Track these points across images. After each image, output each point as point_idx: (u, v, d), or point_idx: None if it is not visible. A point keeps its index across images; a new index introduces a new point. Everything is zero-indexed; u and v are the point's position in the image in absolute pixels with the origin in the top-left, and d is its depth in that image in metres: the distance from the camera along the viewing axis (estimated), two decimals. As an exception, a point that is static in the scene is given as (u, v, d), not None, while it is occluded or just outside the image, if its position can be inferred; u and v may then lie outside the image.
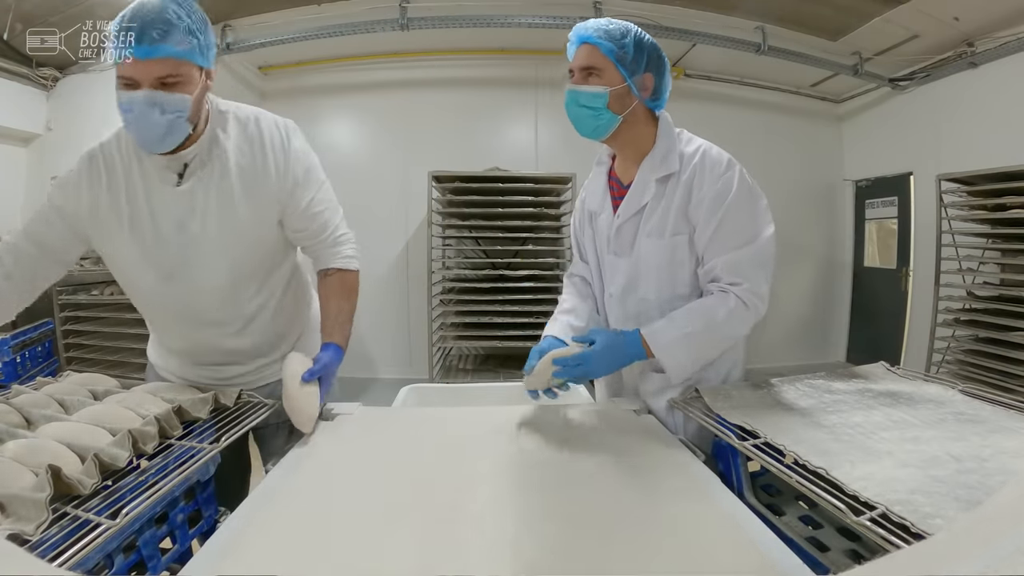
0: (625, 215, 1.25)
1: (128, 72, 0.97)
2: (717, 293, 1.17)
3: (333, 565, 0.68)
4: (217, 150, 1.11)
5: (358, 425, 1.18)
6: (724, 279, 1.17)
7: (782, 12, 4.17)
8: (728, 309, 1.14)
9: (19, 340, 3.02)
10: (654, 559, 0.69)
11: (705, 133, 1.26)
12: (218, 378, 1.26)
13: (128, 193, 1.11)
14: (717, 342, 1.18)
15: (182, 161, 1.09)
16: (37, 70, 4.19)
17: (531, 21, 4.09)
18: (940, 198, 3.65)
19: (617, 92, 1.17)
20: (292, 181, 1.17)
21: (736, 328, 1.17)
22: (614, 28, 1.17)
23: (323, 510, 0.81)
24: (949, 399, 1.09)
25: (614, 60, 1.16)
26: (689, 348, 1.15)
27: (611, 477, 0.92)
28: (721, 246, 1.17)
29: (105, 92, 4.21)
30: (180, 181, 1.10)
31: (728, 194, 1.15)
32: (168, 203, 1.10)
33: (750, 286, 1.15)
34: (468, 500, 0.85)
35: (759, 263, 1.17)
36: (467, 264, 4.05)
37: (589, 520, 0.78)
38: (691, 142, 1.23)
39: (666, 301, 1.23)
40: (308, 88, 4.85)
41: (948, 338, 3.62)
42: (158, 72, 0.97)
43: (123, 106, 0.99)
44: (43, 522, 0.66)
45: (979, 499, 0.68)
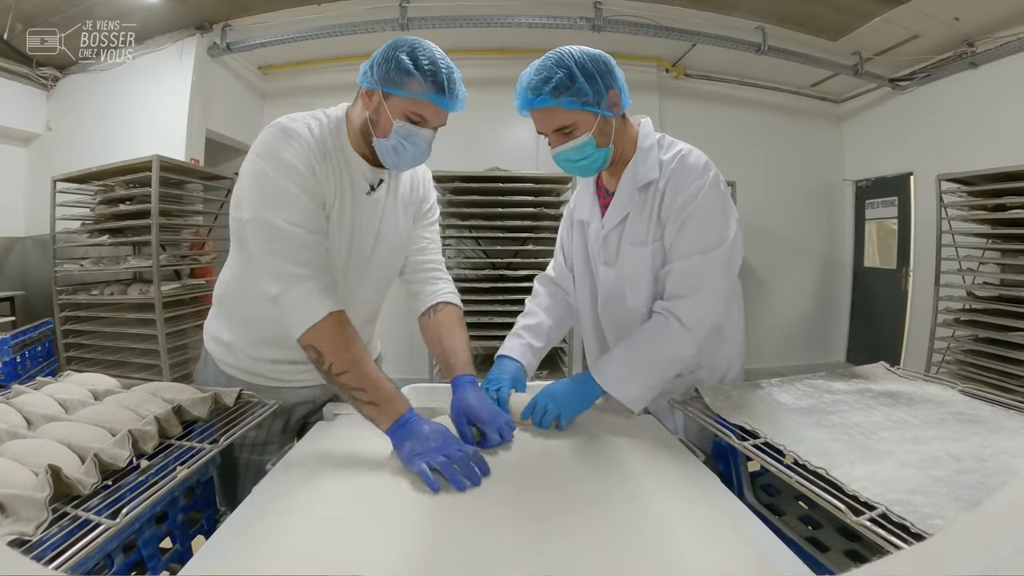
0: (610, 224, 1.24)
1: (431, 116, 1.08)
2: (655, 317, 1.17)
3: (333, 565, 0.68)
4: (394, 172, 1.22)
5: (358, 425, 1.18)
6: (669, 291, 1.17)
7: (782, 12, 4.18)
8: (667, 334, 1.14)
9: (19, 340, 3.02)
10: (654, 559, 0.69)
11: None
12: (293, 380, 1.27)
13: (340, 188, 1.14)
14: (663, 368, 1.16)
15: (379, 176, 1.19)
16: (37, 70, 4.19)
17: (531, 21, 4.09)
18: (940, 198, 3.65)
19: (597, 129, 1.12)
20: (427, 207, 1.34)
21: (678, 350, 1.15)
22: (557, 76, 1.07)
23: (323, 510, 0.81)
24: (949, 399, 1.09)
25: (578, 107, 1.09)
26: (636, 379, 1.14)
27: (610, 477, 0.92)
28: (681, 249, 1.16)
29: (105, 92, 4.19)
30: (371, 191, 1.19)
31: (696, 198, 1.14)
32: (362, 206, 1.17)
33: (692, 301, 1.14)
34: (467, 500, 0.85)
35: (714, 271, 1.14)
36: (467, 264, 4.05)
37: (588, 520, 0.78)
38: (671, 148, 1.21)
39: (650, 308, 1.23)
40: (308, 88, 4.85)
41: (948, 338, 3.62)
42: (444, 121, 1.12)
43: (408, 137, 1.08)
44: (43, 522, 0.66)
45: (979, 499, 0.68)
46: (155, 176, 3.32)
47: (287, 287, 1.02)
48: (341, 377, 1.01)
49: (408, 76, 1.04)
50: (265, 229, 1.04)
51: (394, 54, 1.04)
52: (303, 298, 1.02)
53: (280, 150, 1.06)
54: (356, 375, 1.01)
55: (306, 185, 1.06)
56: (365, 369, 1.02)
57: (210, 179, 3.96)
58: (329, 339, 1.01)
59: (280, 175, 1.04)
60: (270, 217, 1.03)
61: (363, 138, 1.12)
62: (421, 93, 1.05)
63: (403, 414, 1.00)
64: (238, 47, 4.23)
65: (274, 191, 1.04)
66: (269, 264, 1.04)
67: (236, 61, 4.57)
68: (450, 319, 1.30)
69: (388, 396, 1.02)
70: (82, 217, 3.70)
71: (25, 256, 4.27)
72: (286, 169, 1.05)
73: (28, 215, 4.26)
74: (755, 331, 1.17)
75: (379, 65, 1.06)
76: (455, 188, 3.77)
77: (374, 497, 0.86)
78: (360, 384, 1.01)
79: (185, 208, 3.84)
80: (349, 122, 1.15)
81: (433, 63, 1.04)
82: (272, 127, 1.09)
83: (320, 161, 1.09)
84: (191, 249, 3.94)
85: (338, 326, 1.03)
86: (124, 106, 4.15)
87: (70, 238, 3.75)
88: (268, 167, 1.05)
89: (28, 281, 4.13)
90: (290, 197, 1.04)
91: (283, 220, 1.03)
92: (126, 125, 4.09)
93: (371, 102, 1.09)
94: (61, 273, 3.65)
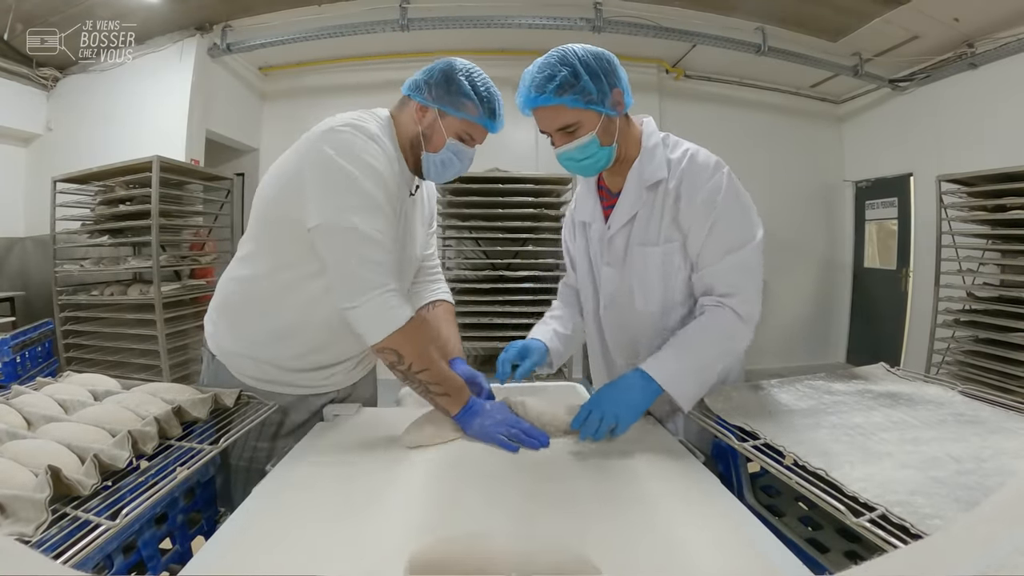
0: (616, 225, 1.22)
1: (479, 136, 1.18)
2: (711, 310, 1.13)
3: (333, 565, 0.68)
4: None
5: (358, 426, 1.18)
6: (718, 290, 1.14)
7: (782, 13, 4.18)
8: (727, 326, 1.12)
9: (19, 340, 3.02)
10: (654, 560, 0.69)
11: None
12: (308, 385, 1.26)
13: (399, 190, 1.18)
14: (720, 361, 1.14)
15: (416, 181, 1.27)
16: (37, 70, 4.19)
17: (531, 22, 4.09)
18: (940, 199, 3.65)
19: (601, 128, 1.11)
20: (431, 215, 1.43)
21: (737, 343, 1.14)
22: (561, 74, 1.06)
23: (323, 510, 0.81)
24: (949, 400, 1.09)
25: (583, 105, 1.08)
26: (694, 374, 1.10)
27: (610, 478, 0.92)
28: (714, 252, 1.14)
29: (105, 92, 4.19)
30: (411, 195, 1.25)
31: (718, 197, 1.13)
32: (406, 206, 1.23)
33: (744, 296, 1.13)
34: (466, 500, 0.85)
35: (751, 268, 1.14)
36: (467, 265, 4.05)
37: (588, 521, 0.78)
38: (677, 147, 1.20)
39: (661, 310, 1.22)
40: (308, 88, 4.86)
41: (948, 339, 3.62)
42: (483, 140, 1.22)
43: (457, 154, 1.18)
44: (43, 523, 0.66)
45: (978, 500, 0.68)
46: (155, 176, 3.32)
47: (373, 295, 1.04)
48: (420, 375, 1.10)
49: (467, 99, 1.13)
50: (350, 235, 1.03)
51: (455, 76, 1.13)
52: (387, 304, 1.05)
53: (364, 152, 1.06)
54: (434, 372, 1.11)
55: (389, 194, 1.09)
56: (439, 367, 1.12)
57: (210, 179, 3.96)
58: (408, 342, 1.08)
59: (369, 180, 1.05)
60: (358, 223, 1.03)
61: (411, 148, 1.18)
62: (475, 116, 1.14)
63: (469, 400, 1.14)
64: (238, 48, 4.23)
65: (361, 197, 1.04)
66: (354, 271, 1.04)
67: (236, 62, 4.57)
68: (447, 314, 1.44)
69: (458, 388, 1.14)
70: (82, 217, 3.70)
71: (25, 256, 4.27)
72: (373, 174, 1.06)
73: (28, 215, 4.27)
74: (755, 332, 1.16)
75: (438, 84, 1.13)
76: (455, 189, 3.77)
77: (374, 497, 0.86)
78: (437, 380, 1.11)
79: (185, 209, 3.84)
80: (399, 127, 1.19)
81: (488, 89, 1.15)
82: (345, 128, 1.07)
83: (393, 161, 1.13)
84: (191, 250, 3.94)
85: (416, 329, 1.09)
86: (124, 106, 4.16)
87: (70, 238, 3.75)
88: (357, 169, 1.04)
89: (28, 281, 4.13)
90: (377, 205, 1.06)
91: (371, 228, 1.04)
92: (126, 125, 4.10)
93: (425, 118, 1.15)
94: (61, 273, 3.65)
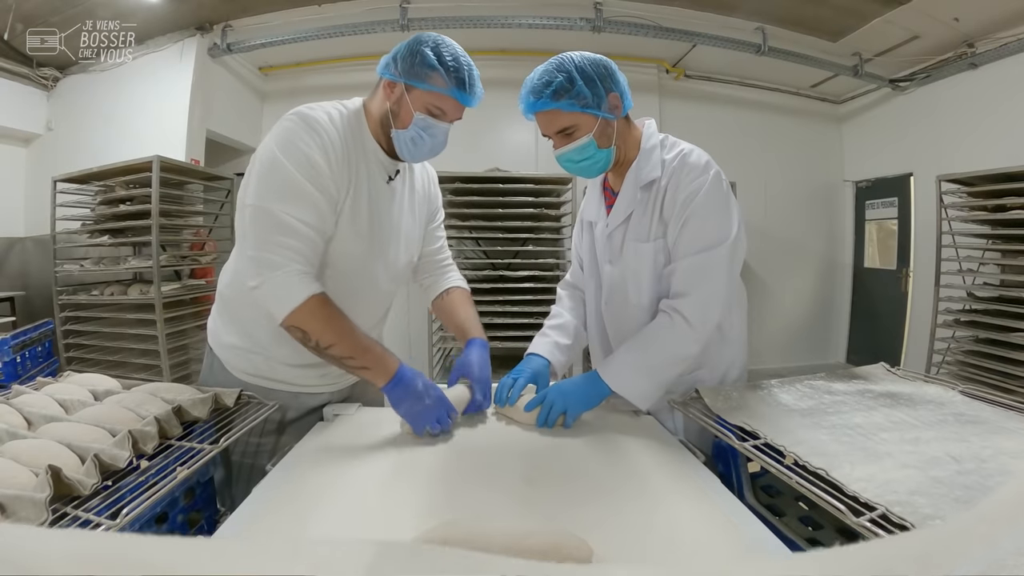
0: (614, 223, 1.27)
1: (450, 109, 1.11)
2: (660, 316, 1.18)
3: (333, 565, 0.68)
4: (409, 165, 1.27)
5: (358, 426, 1.18)
6: (674, 287, 1.18)
7: (782, 13, 4.18)
8: (672, 332, 1.15)
9: (19, 340, 3.01)
10: (653, 560, 0.69)
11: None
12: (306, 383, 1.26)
13: (356, 178, 1.14)
14: (669, 366, 1.17)
15: (396, 167, 1.22)
16: (37, 70, 4.19)
17: (531, 22, 4.09)
18: (940, 199, 3.65)
19: (599, 130, 1.15)
20: (436, 206, 1.39)
21: (683, 348, 1.16)
22: (557, 80, 1.11)
23: (323, 510, 0.81)
24: (949, 400, 1.09)
25: (579, 109, 1.12)
26: (641, 378, 1.15)
27: (610, 478, 0.92)
28: (684, 248, 1.17)
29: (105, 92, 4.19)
30: (389, 180, 1.21)
31: (697, 196, 1.15)
32: (381, 195, 1.19)
33: (695, 298, 1.15)
34: (466, 500, 0.85)
35: (712, 272, 1.15)
36: (467, 265, 4.04)
37: (588, 521, 0.78)
38: (674, 147, 1.23)
39: (651, 304, 1.24)
40: (308, 88, 4.85)
41: (948, 339, 3.62)
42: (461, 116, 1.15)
43: (427, 130, 1.11)
44: (43, 522, 0.66)
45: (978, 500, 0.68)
46: (155, 176, 3.32)
47: (275, 275, 1.02)
48: (330, 350, 1.04)
49: (432, 70, 1.07)
50: (267, 219, 1.03)
51: (419, 48, 1.07)
52: (287, 283, 1.02)
53: (300, 141, 1.05)
54: (344, 345, 1.05)
55: (322, 185, 1.06)
56: (352, 338, 1.05)
57: (210, 179, 3.96)
58: (311, 317, 1.03)
59: (297, 169, 1.04)
60: (276, 209, 1.02)
61: (382, 129, 1.14)
62: (443, 88, 1.08)
63: (395, 371, 1.07)
64: (238, 48, 4.23)
65: (285, 183, 1.04)
66: (260, 253, 1.03)
67: (236, 62, 4.57)
68: (462, 298, 1.40)
69: (377, 358, 1.07)
70: (82, 217, 3.70)
71: (25, 256, 4.27)
72: (304, 163, 1.05)
73: (28, 215, 4.27)
74: (755, 332, 1.17)
75: (403, 58, 1.08)
76: (455, 188, 3.77)
77: (374, 497, 0.86)
78: (350, 352, 1.05)
79: (185, 208, 3.84)
80: (368, 113, 1.16)
81: (456, 59, 1.08)
82: (292, 116, 1.08)
83: (338, 150, 1.09)
84: (191, 250, 3.94)
85: (320, 305, 1.04)
86: (124, 106, 4.16)
87: (70, 238, 3.75)
88: (285, 158, 1.04)
89: (28, 281, 4.13)
90: (304, 194, 1.04)
91: (291, 216, 1.03)
92: (126, 125, 4.10)
93: (393, 93, 1.11)
94: (61, 273, 3.65)
